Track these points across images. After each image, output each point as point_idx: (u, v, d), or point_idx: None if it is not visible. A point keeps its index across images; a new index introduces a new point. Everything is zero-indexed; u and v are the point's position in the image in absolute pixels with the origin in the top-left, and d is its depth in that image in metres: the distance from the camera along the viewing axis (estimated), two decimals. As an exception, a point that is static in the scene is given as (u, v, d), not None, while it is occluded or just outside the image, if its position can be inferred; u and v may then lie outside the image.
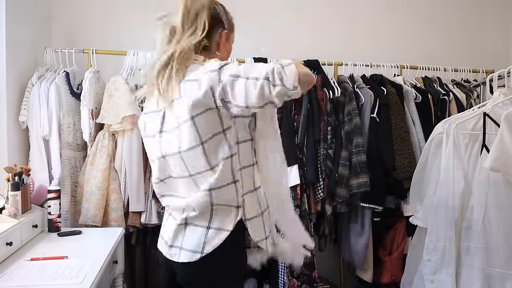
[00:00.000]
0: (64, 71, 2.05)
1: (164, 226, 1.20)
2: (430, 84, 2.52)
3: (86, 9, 2.42)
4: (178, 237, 1.11)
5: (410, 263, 1.95)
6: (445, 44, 2.89)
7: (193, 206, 1.07)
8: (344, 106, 2.27)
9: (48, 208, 1.78)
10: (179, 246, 1.10)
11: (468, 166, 1.67)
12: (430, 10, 2.90)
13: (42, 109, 1.95)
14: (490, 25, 3.01)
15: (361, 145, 2.18)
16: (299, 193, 2.17)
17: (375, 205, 2.22)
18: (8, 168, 1.67)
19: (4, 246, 1.42)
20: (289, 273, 2.20)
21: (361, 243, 2.28)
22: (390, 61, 2.55)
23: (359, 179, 2.15)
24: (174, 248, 1.11)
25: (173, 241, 1.11)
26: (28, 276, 1.29)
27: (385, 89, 2.32)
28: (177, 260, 1.09)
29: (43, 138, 1.95)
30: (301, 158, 2.20)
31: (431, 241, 1.68)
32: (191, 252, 1.07)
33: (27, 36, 2.06)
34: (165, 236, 1.15)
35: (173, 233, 1.11)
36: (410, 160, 2.19)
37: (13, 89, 1.94)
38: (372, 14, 2.82)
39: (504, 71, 1.69)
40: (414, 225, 1.92)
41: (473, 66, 2.66)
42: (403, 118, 2.28)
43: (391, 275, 2.31)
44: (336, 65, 2.45)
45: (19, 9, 1.98)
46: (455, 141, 1.67)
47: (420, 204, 1.92)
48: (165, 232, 1.17)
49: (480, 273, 1.55)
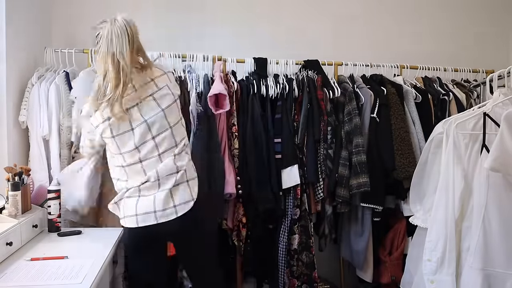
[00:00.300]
0: (64, 71, 2.05)
1: (138, 202, 1.46)
2: (430, 84, 2.52)
3: (86, 9, 2.42)
4: (168, 199, 1.45)
5: (410, 263, 1.95)
6: (445, 44, 2.89)
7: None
8: (344, 106, 2.27)
9: (48, 208, 1.78)
10: (172, 205, 1.45)
11: (468, 166, 1.66)
12: (430, 10, 2.90)
13: (42, 109, 1.95)
14: (490, 25, 3.01)
15: (361, 145, 2.18)
16: (299, 193, 2.17)
17: (375, 205, 2.22)
18: (8, 168, 1.67)
19: (4, 246, 1.42)
20: (289, 273, 2.21)
21: (361, 243, 2.28)
22: (390, 61, 2.55)
23: (359, 179, 2.15)
24: (169, 209, 1.45)
25: (165, 205, 1.44)
26: (28, 276, 1.29)
27: (385, 89, 2.32)
28: (173, 217, 1.44)
29: (43, 138, 1.96)
30: (301, 158, 2.20)
31: (431, 241, 1.67)
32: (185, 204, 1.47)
33: (27, 36, 2.07)
34: (148, 207, 1.44)
35: (164, 198, 1.44)
36: (410, 160, 2.19)
37: (13, 89, 1.94)
38: (372, 14, 2.83)
39: (504, 71, 1.69)
40: (414, 225, 1.92)
41: (473, 66, 2.66)
42: (403, 118, 2.28)
43: (391, 275, 2.31)
44: (336, 65, 2.45)
45: (19, 9, 1.98)
46: (455, 141, 1.67)
47: (420, 204, 1.92)
48: (147, 204, 1.45)
49: (480, 273, 1.55)
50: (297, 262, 2.19)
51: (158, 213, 1.45)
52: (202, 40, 2.54)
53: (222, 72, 2.18)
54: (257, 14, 2.67)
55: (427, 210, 1.84)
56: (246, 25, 2.64)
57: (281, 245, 2.21)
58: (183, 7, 2.57)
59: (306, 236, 2.21)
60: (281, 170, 2.15)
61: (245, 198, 2.11)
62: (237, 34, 2.61)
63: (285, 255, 2.20)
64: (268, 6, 2.69)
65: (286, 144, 2.16)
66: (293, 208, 2.18)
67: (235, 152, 2.11)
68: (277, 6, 2.70)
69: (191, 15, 2.57)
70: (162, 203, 1.45)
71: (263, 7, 2.68)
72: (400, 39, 2.83)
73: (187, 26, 2.55)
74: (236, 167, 2.09)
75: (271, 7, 2.69)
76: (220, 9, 2.61)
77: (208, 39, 2.56)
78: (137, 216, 1.46)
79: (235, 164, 2.10)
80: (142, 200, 1.47)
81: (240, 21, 2.64)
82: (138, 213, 1.46)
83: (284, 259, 2.20)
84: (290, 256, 2.20)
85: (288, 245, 2.20)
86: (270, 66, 2.31)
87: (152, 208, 1.45)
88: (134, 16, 2.46)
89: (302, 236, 2.20)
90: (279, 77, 2.29)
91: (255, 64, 2.28)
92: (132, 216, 1.47)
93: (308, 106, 2.20)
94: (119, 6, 2.45)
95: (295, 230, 2.18)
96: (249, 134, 2.11)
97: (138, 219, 1.46)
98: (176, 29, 2.52)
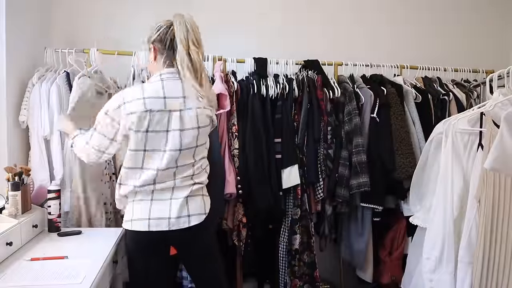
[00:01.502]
0: (64, 71, 2.05)
1: (152, 205, 1.43)
2: (430, 84, 2.52)
3: (86, 9, 2.43)
4: (183, 208, 1.44)
5: (410, 263, 1.95)
6: (445, 44, 2.89)
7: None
8: (344, 106, 2.27)
9: (48, 208, 1.78)
10: (186, 215, 1.44)
11: (467, 166, 1.67)
12: (430, 10, 2.90)
13: (43, 109, 1.95)
14: (490, 25, 3.01)
15: (361, 145, 2.18)
16: (299, 193, 2.17)
17: (375, 205, 2.22)
18: (8, 168, 1.67)
19: (4, 246, 1.42)
20: (291, 273, 2.20)
21: (361, 243, 2.28)
22: (390, 61, 2.55)
23: (359, 179, 2.15)
24: (183, 218, 1.44)
25: (180, 213, 1.43)
26: (28, 276, 1.29)
27: (385, 89, 2.32)
28: (185, 226, 1.43)
29: (43, 138, 1.96)
30: (301, 158, 2.20)
31: (430, 239, 1.68)
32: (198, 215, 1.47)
33: (27, 35, 2.07)
34: (164, 213, 1.42)
35: (179, 207, 1.43)
36: (410, 160, 2.19)
37: (13, 89, 1.94)
38: (372, 14, 2.83)
39: (504, 71, 1.69)
40: (414, 225, 1.92)
41: (473, 66, 2.66)
42: (403, 118, 2.28)
43: (391, 275, 2.31)
44: (336, 65, 2.45)
45: (19, 9, 1.98)
46: (454, 141, 1.67)
47: (420, 204, 1.92)
48: (163, 210, 1.43)
49: (469, 267, 1.56)
50: (298, 262, 2.19)
51: (172, 220, 1.42)
52: (202, 40, 2.53)
53: (222, 72, 2.18)
54: (257, 14, 2.67)
55: (427, 210, 1.84)
56: (246, 25, 2.64)
57: (282, 245, 2.21)
58: (183, 7, 2.55)
59: (307, 236, 2.21)
60: (281, 170, 2.15)
61: (245, 198, 2.11)
62: (237, 34, 2.61)
63: (286, 255, 2.20)
64: (268, 6, 2.69)
65: (286, 144, 2.17)
66: (293, 208, 2.18)
67: (235, 152, 2.11)
68: (277, 6, 2.70)
69: (192, 15, 2.56)
70: (177, 211, 1.43)
71: (263, 7, 2.68)
72: (400, 39, 2.83)
73: (187, 26, 2.54)
74: (236, 167, 2.09)
75: (271, 7, 2.69)
76: (220, 9, 2.61)
77: (209, 39, 2.55)
78: (150, 220, 1.42)
79: (235, 164, 2.10)
80: (156, 204, 1.43)
81: (240, 21, 2.64)
82: (152, 217, 1.42)
83: (285, 259, 2.20)
84: (292, 256, 2.20)
85: (289, 245, 2.20)
86: (270, 66, 2.31)
87: (167, 214, 1.42)
88: (134, 16, 2.48)
89: (303, 236, 2.20)
90: (279, 77, 2.29)
91: (255, 64, 2.28)
92: (144, 219, 1.42)
93: (308, 106, 2.20)
94: (120, 6, 2.48)
95: (296, 230, 2.18)
96: (249, 134, 2.11)
97: (150, 223, 1.42)
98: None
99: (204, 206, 1.50)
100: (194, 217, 1.45)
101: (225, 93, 1.99)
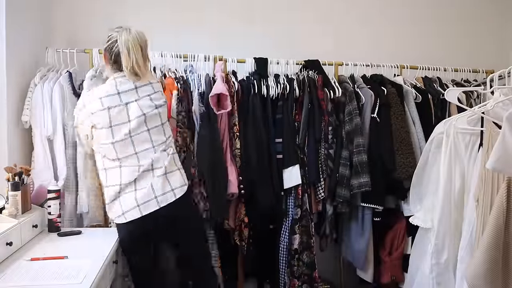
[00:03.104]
0: (67, 71, 2.04)
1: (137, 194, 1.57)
2: (430, 84, 2.52)
3: (87, 9, 2.42)
4: (165, 184, 1.60)
5: (413, 263, 1.95)
6: (445, 44, 2.89)
7: None
8: (345, 106, 2.27)
9: (48, 208, 1.78)
10: (170, 189, 1.60)
11: (468, 166, 1.67)
12: (430, 10, 2.90)
13: (46, 109, 1.95)
14: (490, 25, 3.01)
15: (361, 145, 2.18)
16: (300, 193, 2.17)
17: (375, 205, 2.22)
18: (8, 168, 1.67)
19: (4, 246, 1.42)
20: (290, 273, 2.20)
21: (361, 243, 2.28)
22: (390, 61, 2.55)
23: (360, 179, 2.15)
24: (168, 193, 1.59)
25: (164, 189, 1.58)
26: (28, 276, 1.29)
27: (385, 89, 2.32)
28: (172, 200, 1.59)
29: (47, 138, 1.95)
30: (302, 158, 2.20)
31: (438, 243, 1.67)
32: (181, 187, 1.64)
33: (28, 35, 2.06)
34: (150, 195, 1.56)
35: (161, 185, 1.58)
36: (410, 160, 2.19)
37: (14, 89, 1.93)
38: (373, 14, 2.83)
39: (504, 71, 1.69)
40: (414, 225, 1.92)
41: (473, 66, 2.67)
42: (403, 118, 2.28)
43: (391, 275, 2.31)
44: (337, 65, 2.45)
45: (20, 9, 1.97)
46: (455, 141, 1.67)
47: (420, 204, 1.92)
48: (148, 193, 1.56)
49: None
50: (297, 262, 2.19)
51: (159, 198, 1.57)
52: (203, 40, 2.54)
53: (223, 72, 2.18)
54: (257, 14, 2.67)
55: (427, 210, 1.84)
56: (247, 25, 2.64)
57: (282, 245, 2.20)
58: (183, 7, 2.57)
59: (307, 236, 2.20)
60: (282, 170, 2.15)
61: (247, 198, 2.10)
62: (237, 34, 2.60)
63: (286, 255, 2.20)
64: (269, 6, 2.68)
65: (287, 144, 2.16)
66: (294, 208, 2.18)
67: (236, 152, 2.10)
68: (278, 6, 2.70)
69: (192, 15, 2.57)
70: (161, 188, 1.58)
71: (263, 7, 2.68)
72: (400, 39, 2.83)
73: (188, 26, 2.54)
74: (238, 167, 2.09)
75: (271, 7, 2.69)
76: (221, 9, 2.61)
77: (209, 39, 2.56)
78: (139, 206, 1.55)
79: (236, 164, 2.10)
80: (139, 192, 1.57)
81: (240, 21, 2.64)
82: (140, 203, 1.55)
83: (285, 259, 2.20)
84: (291, 256, 2.19)
85: (289, 245, 2.19)
86: (270, 66, 2.31)
87: (153, 195, 1.57)
88: (134, 16, 2.47)
89: (303, 236, 2.19)
90: (280, 77, 2.29)
91: (255, 64, 2.28)
92: (134, 208, 1.55)
93: (309, 106, 2.19)
94: (120, 6, 2.48)
95: (296, 230, 2.18)
96: (250, 134, 2.11)
97: (141, 208, 1.55)
98: (177, 29, 2.52)
99: (183, 178, 1.68)
100: (177, 189, 1.62)
101: (226, 93, 1.99)
